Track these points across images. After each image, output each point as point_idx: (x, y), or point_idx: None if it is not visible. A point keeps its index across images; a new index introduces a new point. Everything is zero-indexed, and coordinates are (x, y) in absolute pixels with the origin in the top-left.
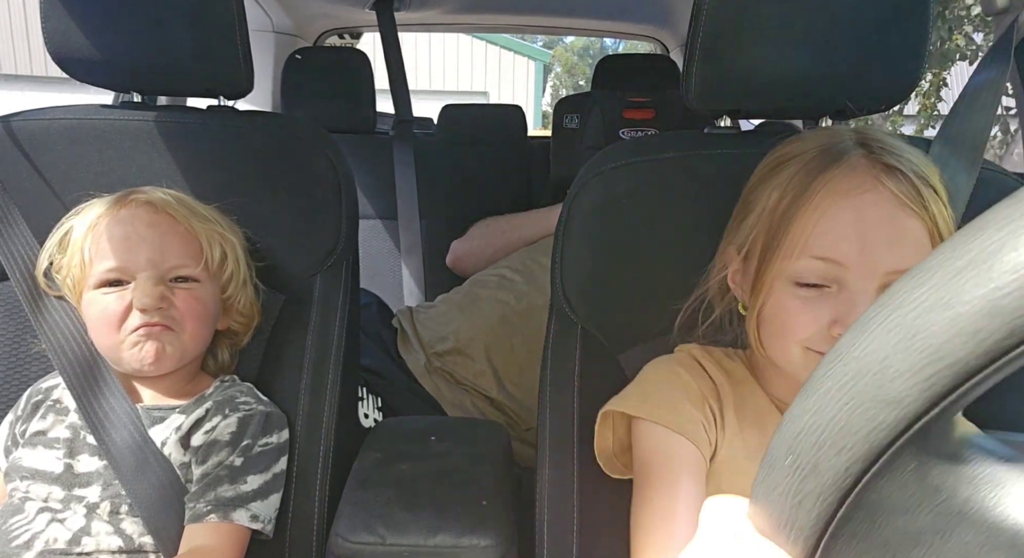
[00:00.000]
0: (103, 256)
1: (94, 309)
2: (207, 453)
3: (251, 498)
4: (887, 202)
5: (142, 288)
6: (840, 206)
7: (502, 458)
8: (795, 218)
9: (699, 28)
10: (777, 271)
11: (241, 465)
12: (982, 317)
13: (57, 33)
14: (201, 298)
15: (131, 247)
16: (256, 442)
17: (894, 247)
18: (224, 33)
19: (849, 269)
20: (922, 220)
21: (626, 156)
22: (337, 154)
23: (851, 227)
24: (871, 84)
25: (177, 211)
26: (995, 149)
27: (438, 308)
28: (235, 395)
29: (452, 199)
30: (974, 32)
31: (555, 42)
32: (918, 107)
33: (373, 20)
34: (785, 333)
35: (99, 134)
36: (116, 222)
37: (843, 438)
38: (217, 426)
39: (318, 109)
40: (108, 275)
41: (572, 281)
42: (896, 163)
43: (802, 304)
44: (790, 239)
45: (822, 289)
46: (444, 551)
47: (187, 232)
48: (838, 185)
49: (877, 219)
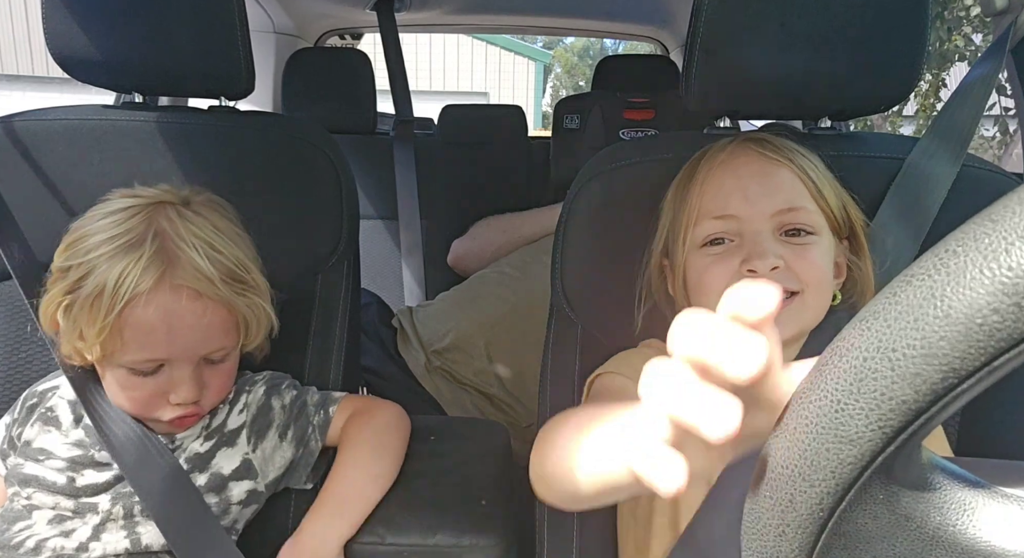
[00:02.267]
0: (138, 345)
1: (118, 387)
2: (264, 417)
3: (328, 390)
4: (757, 160)
5: (179, 381)
6: (719, 172)
7: (502, 458)
8: (688, 195)
9: (699, 29)
10: (687, 244)
11: (298, 391)
12: (919, 361)
13: (58, 33)
14: (232, 368)
15: (171, 339)
16: (289, 379)
17: (772, 192)
18: (225, 34)
19: (741, 219)
20: (790, 168)
21: (626, 157)
22: (338, 154)
23: (732, 184)
24: (870, 85)
25: (217, 292)
26: (994, 150)
27: (437, 305)
28: (242, 374)
29: (452, 199)
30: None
31: (555, 43)
32: (916, 107)
33: (374, 21)
34: (707, 290)
35: (100, 134)
36: (152, 309)
37: (813, 473)
38: (248, 401)
39: (319, 109)
40: (144, 365)
41: (572, 281)
42: (760, 136)
43: (714, 259)
44: (687, 213)
45: (727, 244)
46: (444, 550)
47: (228, 314)
48: (715, 158)
49: (751, 173)
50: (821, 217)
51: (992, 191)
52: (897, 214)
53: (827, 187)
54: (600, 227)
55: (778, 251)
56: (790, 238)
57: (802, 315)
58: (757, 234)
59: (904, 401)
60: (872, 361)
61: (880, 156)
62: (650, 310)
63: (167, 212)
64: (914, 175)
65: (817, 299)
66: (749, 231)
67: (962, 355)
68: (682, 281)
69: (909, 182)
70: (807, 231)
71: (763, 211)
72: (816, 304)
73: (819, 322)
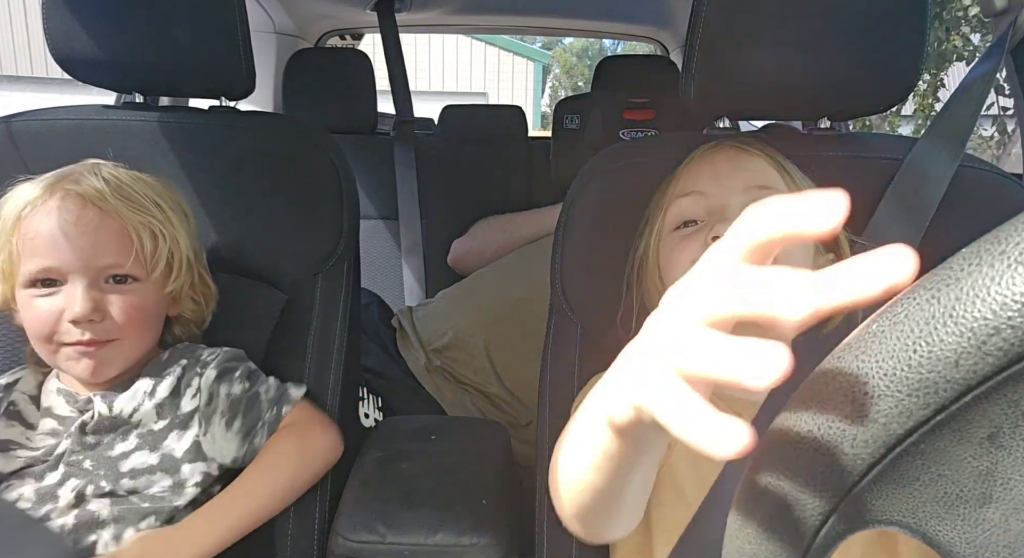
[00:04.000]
0: (31, 252)
1: (26, 312)
2: (214, 403)
3: (286, 385)
4: (732, 149)
5: (73, 296)
6: (696, 159)
7: (502, 458)
8: (665, 189)
9: (698, 30)
10: (660, 228)
11: (251, 382)
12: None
13: (59, 34)
14: (141, 301)
15: (59, 245)
16: (244, 365)
17: (741, 169)
18: (226, 34)
19: (709, 194)
20: (762, 157)
21: (626, 157)
22: (338, 154)
23: (704, 166)
24: (869, 85)
25: (107, 203)
26: (992, 149)
27: (436, 304)
28: (195, 352)
29: (453, 199)
30: (971, 33)
31: (554, 43)
32: (915, 108)
33: (374, 21)
34: (677, 267)
35: (101, 134)
36: (43, 214)
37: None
38: (200, 384)
39: (319, 110)
40: (38, 274)
41: (572, 281)
42: (740, 137)
43: (684, 238)
44: (662, 200)
45: (696, 225)
46: (444, 550)
47: (119, 226)
48: (694, 154)
49: (724, 157)
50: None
51: (989, 191)
52: (895, 214)
53: (801, 179)
54: (600, 227)
55: None
56: None
57: None
58: (724, 207)
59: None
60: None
61: (879, 157)
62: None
63: (86, 162)
64: (912, 175)
65: None
66: (717, 205)
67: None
68: (656, 269)
69: (907, 182)
70: None
71: (731, 186)
72: None
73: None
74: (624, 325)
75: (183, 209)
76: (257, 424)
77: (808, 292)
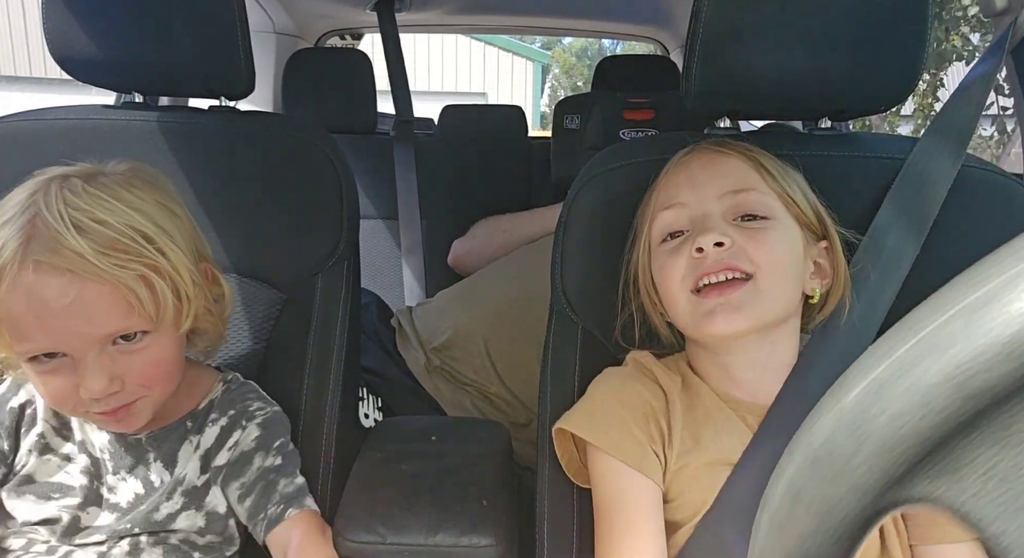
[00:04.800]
0: (18, 336)
1: (36, 386)
2: (240, 466)
3: (307, 490)
4: (706, 151)
5: (84, 371)
6: (672, 170)
7: (502, 458)
8: (648, 199)
9: (698, 29)
10: (648, 240)
11: (284, 462)
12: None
13: (58, 33)
14: (159, 354)
15: (48, 326)
16: (286, 439)
17: (718, 177)
18: (226, 34)
19: (690, 205)
20: (741, 157)
21: (626, 157)
22: (338, 154)
23: (681, 176)
24: (870, 85)
25: (88, 265)
26: (992, 149)
27: (435, 303)
28: (245, 400)
29: (453, 199)
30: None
31: (553, 43)
32: (914, 107)
33: (374, 21)
34: (668, 282)
35: (101, 134)
36: (20, 294)
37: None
38: (239, 439)
39: (319, 109)
40: (36, 353)
41: (572, 281)
42: (719, 139)
43: (671, 251)
44: (646, 213)
45: (682, 236)
46: (444, 550)
47: (110, 288)
48: (672, 162)
49: (699, 163)
50: (776, 201)
51: (992, 192)
52: (898, 214)
53: (788, 180)
54: (600, 227)
55: (726, 230)
56: (745, 223)
57: (758, 301)
58: (705, 216)
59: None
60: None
61: (880, 156)
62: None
63: (53, 186)
64: (914, 175)
65: (772, 284)
66: (698, 215)
67: None
68: (650, 282)
69: (909, 181)
70: (761, 215)
71: (709, 194)
72: (773, 290)
73: (786, 317)
74: (626, 337)
75: (170, 210)
76: (258, 515)
77: None
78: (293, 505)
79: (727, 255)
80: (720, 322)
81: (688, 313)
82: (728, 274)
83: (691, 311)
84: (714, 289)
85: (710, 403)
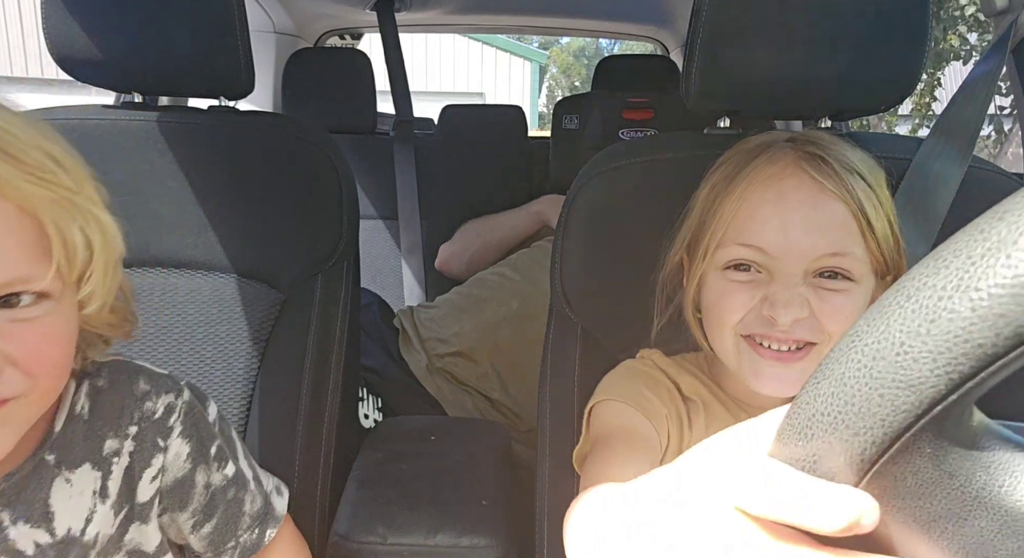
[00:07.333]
0: None
1: None
2: (182, 493)
3: (269, 490)
4: (807, 186)
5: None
6: (761, 193)
7: (502, 458)
8: (721, 208)
9: (699, 29)
10: (709, 261)
11: (234, 469)
12: (1006, 301)
13: (58, 34)
14: (54, 327)
15: None
16: (215, 426)
17: (815, 231)
18: (225, 34)
19: (774, 256)
20: (845, 203)
21: (625, 156)
22: (338, 154)
23: (772, 211)
24: (870, 85)
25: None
26: (989, 148)
27: (439, 309)
28: (143, 404)
29: (452, 199)
30: (968, 32)
31: (551, 43)
32: (912, 107)
33: (374, 21)
34: (721, 318)
35: (100, 134)
36: None
37: (859, 421)
38: (166, 463)
39: (319, 109)
40: None
41: (572, 281)
42: (818, 151)
43: (734, 287)
44: (716, 228)
45: (753, 273)
46: (444, 550)
47: (22, 214)
48: (760, 173)
49: (797, 202)
50: (867, 265)
51: (996, 192)
52: (907, 216)
53: (882, 220)
54: (600, 227)
55: (806, 298)
56: (824, 280)
57: (813, 366)
58: (789, 277)
59: (981, 344)
60: (949, 301)
61: (882, 156)
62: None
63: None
64: (922, 175)
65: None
66: (780, 270)
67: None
68: (695, 293)
69: (917, 183)
70: (845, 277)
71: (802, 253)
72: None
73: None
74: (658, 341)
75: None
76: (228, 542)
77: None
78: (269, 524)
79: (799, 327)
80: (768, 386)
81: (733, 355)
82: (794, 345)
83: (737, 355)
84: (773, 353)
85: (720, 407)
